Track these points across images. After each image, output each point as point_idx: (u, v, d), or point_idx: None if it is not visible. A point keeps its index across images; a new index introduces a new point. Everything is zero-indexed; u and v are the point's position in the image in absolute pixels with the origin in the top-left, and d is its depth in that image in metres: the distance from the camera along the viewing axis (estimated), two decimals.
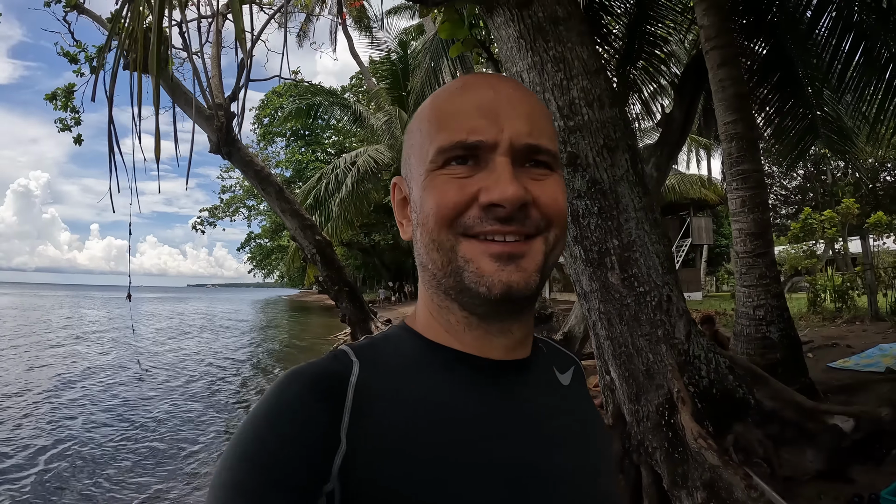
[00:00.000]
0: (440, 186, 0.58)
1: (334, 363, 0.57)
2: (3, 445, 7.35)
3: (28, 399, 10.25)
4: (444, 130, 0.59)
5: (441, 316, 0.63)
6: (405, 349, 0.62)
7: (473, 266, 0.56)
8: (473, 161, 0.58)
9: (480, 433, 0.57)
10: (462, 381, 0.60)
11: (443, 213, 0.57)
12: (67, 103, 11.52)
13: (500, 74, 0.68)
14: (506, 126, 0.58)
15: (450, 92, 0.63)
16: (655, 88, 8.39)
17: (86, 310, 43.07)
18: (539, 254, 0.58)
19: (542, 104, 0.64)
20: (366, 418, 0.53)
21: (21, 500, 5.65)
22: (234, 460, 0.50)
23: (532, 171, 0.59)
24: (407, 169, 0.66)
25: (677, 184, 20.27)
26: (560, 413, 0.66)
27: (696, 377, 3.21)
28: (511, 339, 0.63)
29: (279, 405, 0.52)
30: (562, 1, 2.94)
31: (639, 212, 3.07)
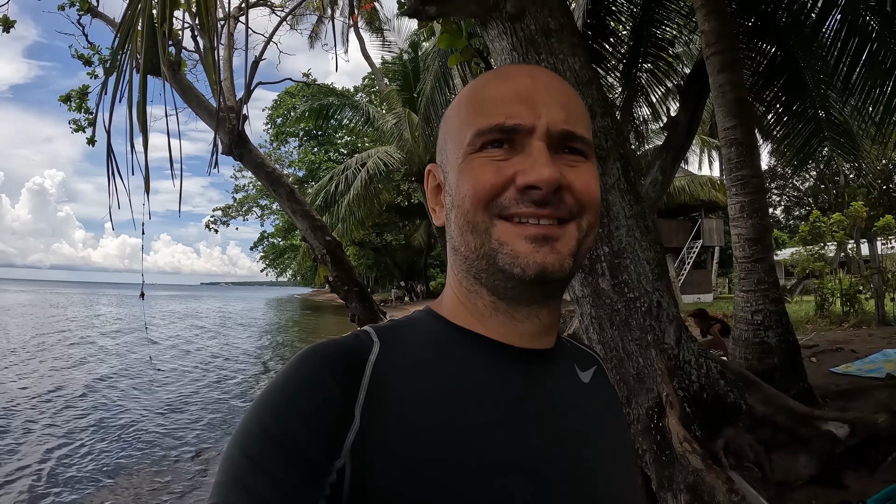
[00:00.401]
0: (478, 168, 0.59)
1: (355, 341, 0.58)
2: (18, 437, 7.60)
3: (41, 396, 10.51)
4: (483, 114, 0.60)
5: (468, 300, 0.64)
6: (428, 332, 0.63)
7: (508, 248, 0.57)
8: (510, 145, 0.59)
9: (500, 420, 0.57)
10: (484, 367, 0.60)
11: (479, 195, 0.58)
12: (82, 104, 11.78)
13: (538, 66, 0.69)
14: (543, 112, 0.59)
15: (488, 79, 0.64)
16: (663, 92, 8.40)
17: (102, 307, 43.76)
18: (573, 239, 0.59)
19: (577, 95, 0.66)
20: (382, 398, 0.53)
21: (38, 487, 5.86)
22: (248, 432, 0.51)
23: (567, 158, 0.60)
24: (443, 155, 0.67)
25: (687, 185, 20.18)
26: (576, 410, 0.66)
27: (687, 381, 3.27)
28: (537, 325, 0.64)
29: (296, 379, 0.53)
30: (554, 13, 3.01)
31: (630, 219, 3.14)
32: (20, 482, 6.09)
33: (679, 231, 24.70)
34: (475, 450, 0.54)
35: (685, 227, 24.70)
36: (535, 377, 0.63)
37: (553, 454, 0.59)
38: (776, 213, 33.04)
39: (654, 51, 7.78)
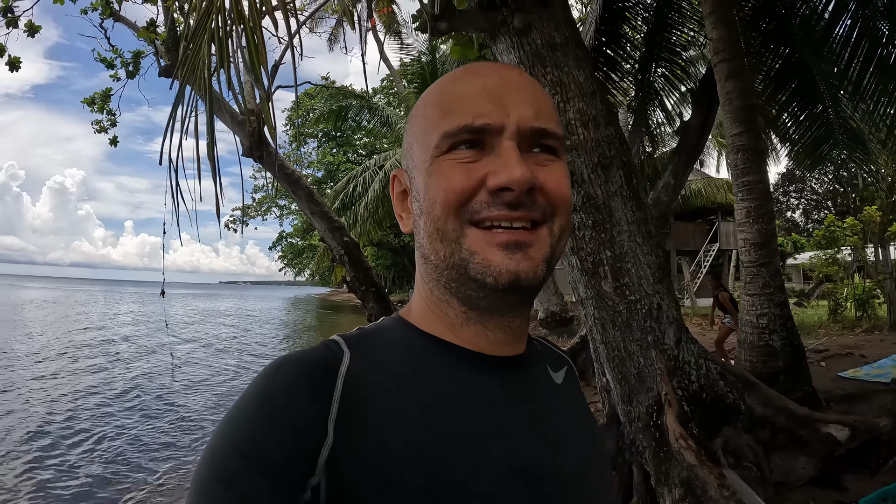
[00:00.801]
0: (446, 172, 0.57)
1: (324, 352, 0.56)
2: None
3: (63, 390, 10.88)
4: (450, 115, 0.58)
5: (439, 309, 0.62)
6: (399, 341, 0.61)
7: (479, 257, 0.56)
8: (479, 146, 0.57)
9: (475, 429, 0.56)
10: (457, 376, 0.59)
11: (450, 200, 0.56)
12: (104, 106, 12.13)
13: (505, 64, 0.66)
14: (512, 110, 0.57)
15: (455, 78, 0.62)
16: (678, 97, 8.46)
17: (125, 305, 44.65)
18: (545, 244, 0.57)
19: (546, 91, 0.64)
20: (355, 410, 0.52)
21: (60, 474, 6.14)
22: (218, 451, 0.49)
23: (538, 157, 0.59)
24: (408, 159, 0.65)
25: (704, 188, 20.06)
26: (555, 412, 0.66)
27: (686, 381, 3.39)
28: (509, 333, 0.63)
29: (266, 394, 0.52)
30: (559, 28, 3.15)
31: (631, 225, 3.27)
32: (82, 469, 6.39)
33: (696, 234, 24.54)
34: (452, 461, 0.53)
35: (702, 230, 24.52)
36: (509, 384, 0.62)
37: (534, 460, 0.59)
38: (794, 216, 32.67)
39: (668, 55, 7.87)
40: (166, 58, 11.49)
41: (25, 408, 9.26)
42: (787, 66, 6.53)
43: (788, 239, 27.76)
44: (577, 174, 3.23)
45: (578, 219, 3.27)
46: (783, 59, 6.53)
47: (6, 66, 9.06)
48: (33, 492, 5.81)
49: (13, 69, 9.15)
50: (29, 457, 6.83)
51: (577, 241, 3.31)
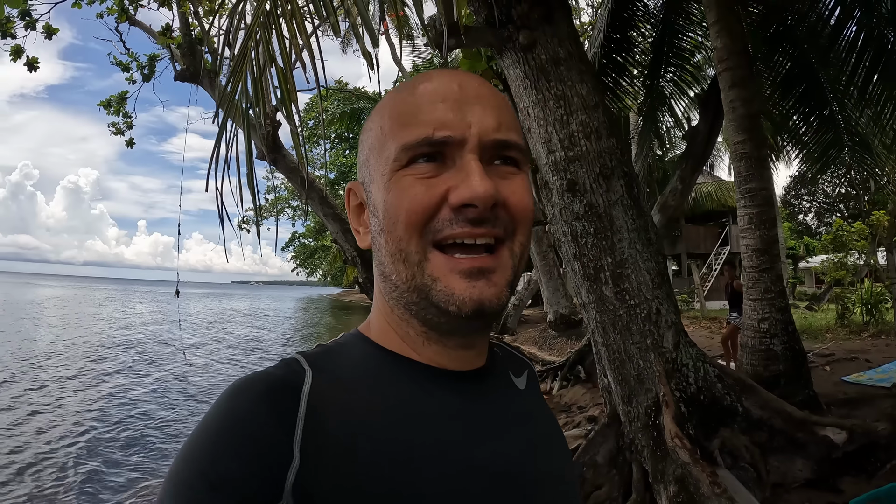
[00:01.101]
0: (407, 189, 0.55)
1: (285, 371, 0.55)
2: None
3: (82, 387, 11.17)
4: (409, 126, 0.56)
5: (400, 328, 0.61)
6: (361, 358, 0.60)
7: (442, 284, 0.54)
8: (440, 159, 0.55)
9: (441, 443, 0.56)
10: (420, 393, 0.59)
11: (412, 219, 0.54)
12: (120, 109, 12.40)
13: (466, 71, 0.66)
14: (473, 121, 0.55)
15: (413, 86, 0.60)
16: (687, 103, 8.55)
17: (140, 304, 45.26)
18: (508, 268, 0.56)
19: (508, 101, 0.63)
20: (320, 430, 0.51)
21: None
22: (181, 478, 0.48)
23: (500, 169, 0.57)
24: (364, 172, 0.62)
25: (714, 191, 20.04)
26: (521, 419, 0.66)
27: (684, 384, 3.50)
28: (470, 351, 0.63)
29: (228, 418, 0.50)
30: (563, 43, 3.29)
31: (632, 232, 3.40)
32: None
33: (707, 237, 24.49)
34: (421, 475, 0.53)
35: (713, 233, 24.46)
36: (472, 397, 0.62)
37: (502, 469, 0.59)
38: (806, 220, 32.42)
39: (677, 61, 7.97)
40: (181, 62, 11.77)
41: (62, 404, 9.57)
42: (795, 71, 6.61)
43: (801, 242, 27.58)
44: (581, 184, 3.36)
45: (581, 226, 3.41)
46: (791, 63, 6.61)
47: (24, 67, 9.31)
48: (81, 484, 6.06)
49: (31, 69, 9.39)
50: (73, 449, 7.10)
51: (580, 248, 3.45)
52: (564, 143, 3.33)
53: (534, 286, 15.37)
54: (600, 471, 3.71)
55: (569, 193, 3.38)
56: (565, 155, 3.35)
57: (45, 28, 9.18)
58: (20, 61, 9.22)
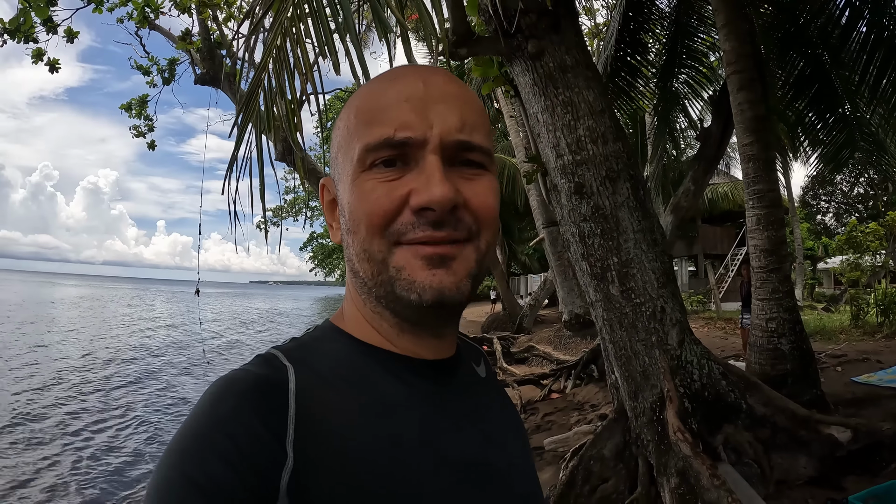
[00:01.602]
0: (368, 193, 0.55)
1: (268, 369, 0.54)
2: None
3: (112, 376, 11.49)
4: (371, 126, 0.56)
5: (374, 321, 0.62)
6: (338, 352, 0.61)
7: (405, 273, 0.55)
8: (402, 161, 0.55)
9: (426, 433, 0.57)
10: (400, 383, 0.59)
11: (374, 223, 0.55)
12: (141, 112, 12.70)
13: (434, 66, 0.66)
14: (436, 121, 0.55)
15: (378, 84, 0.60)
16: (702, 105, 8.58)
17: (159, 303, 46.00)
18: (471, 259, 0.57)
19: (476, 98, 0.62)
20: (311, 429, 0.50)
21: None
22: (169, 483, 0.46)
23: (464, 171, 0.57)
24: (334, 169, 0.63)
25: (731, 191, 19.90)
26: (489, 407, 0.68)
27: (689, 380, 3.60)
28: (442, 340, 0.64)
29: (216, 420, 0.49)
30: (570, 51, 3.41)
31: (637, 233, 3.51)
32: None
33: (724, 238, 24.31)
34: (411, 470, 0.53)
35: (730, 234, 24.26)
36: (448, 386, 0.64)
37: (480, 459, 0.60)
38: (825, 220, 31.97)
39: (690, 62, 8.01)
40: (201, 66, 12.04)
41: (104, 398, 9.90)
42: (807, 71, 6.65)
43: (819, 243, 27.24)
44: (587, 186, 3.48)
45: (588, 227, 3.53)
46: (803, 64, 6.65)
47: (46, 68, 9.54)
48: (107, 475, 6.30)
49: (53, 70, 9.59)
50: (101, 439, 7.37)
51: (588, 248, 3.57)
52: (572, 147, 3.46)
53: (550, 286, 15.44)
54: (607, 464, 3.82)
55: (576, 196, 3.50)
56: (573, 159, 3.47)
57: (67, 32, 9.43)
58: (41, 63, 9.47)
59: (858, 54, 5.92)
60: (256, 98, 2.31)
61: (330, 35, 1.88)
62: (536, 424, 6.92)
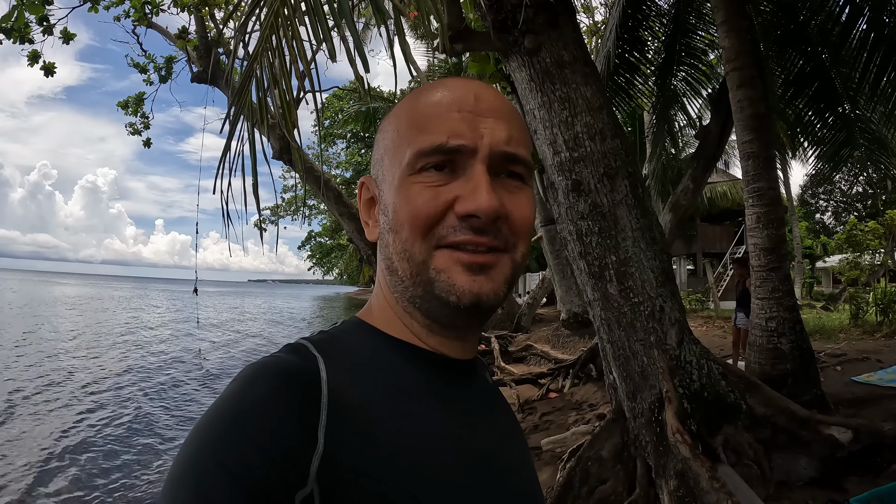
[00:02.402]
0: (415, 195, 0.57)
1: (299, 357, 0.55)
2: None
3: (110, 375, 11.45)
4: (424, 133, 0.58)
5: (405, 318, 0.64)
6: (366, 345, 0.62)
7: (445, 276, 0.57)
8: (450, 167, 0.58)
9: (450, 426, 0.59)
10: (429, 378, 0.61)
11: (418, 224, 0.57)
12: (138, 110, 12.65)
13: (481, 81, 0.68)
14: (486, 132, 0.58)
15: (430, 93, 0.62)
16: (701, 103, 8.54)
17: (159, 302, 45.94)
18: (507, 267, 0.59)
19: (519, 114, 0.65)
20: (341, 415, 0.51)
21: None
22: (199, 469, 0.45)
23: (507, 183, 0.60)
24: (378, 169, 0.65)
25: (729, 190, 19.88)
26: (499, 410, 0.72)
27: (688, 380, 3.56)
28: (467, 342, 0.66)
29: (249, 404, 0.49)
30: (567, 47, 3.36)
31: (636, 231, 3.46)
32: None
33: (723, 236, 24.31)
34: (437, 462, 0.55)
35: (729, 233, 24.28)
36: (470, 385, 0.67)
37: (501, 453, 0.64)
38: (823, 219, 31.97)
39: (689, 59, 7.97)
40: (198, 63, 11.98)
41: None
42: (807, 69, 6.60)
43: (818, 241, 27.22)
44: (585, 184, 3.43)
45: (586, 226, 3.48)
46: (803, 61, 6.61)
47: (41, 71, 9.46)
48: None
49: (48, 74, 9.52)
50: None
51: (585, 247, 3.52)
52: (569, 143, 3.41)
53: (548, 285, 15.41)
54: (605, 465, 3.77)
55: (574, 193, 3.45)
56: (570, 156, 3.42)
57: (63, 33, 9.37)
58: (36, 65, 9.39)
59: (859, 52, 5.87)
60: (249, 89, 2.25)
61: (325, 22, 1.82)
62: (534, 424, 6.88)
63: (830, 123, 6.86)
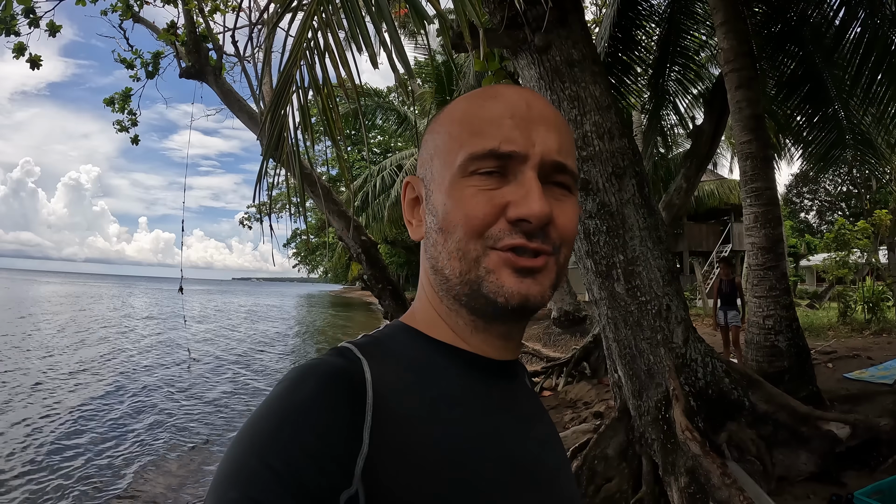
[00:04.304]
0: (469, 198, 0.58)
1: (344, 360, 0.56)
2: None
3: (97, 379, 11.27)
4: (477, 136, 0.59)
5: (449, 318, 0.64)
6: (411, 348, 0.63)
7: (494, 276, 0.58)
8: (501, 172, 0.59)
9: (492, 428, 0.59)
10: (472, 380, 0.62)
11: (473, 225, 0.58)
12: (124, 106, 12.43)
13: (532, 90, 0.72)
14: (537, 140, 0.59)
15: (483, 98, 0.63)
16: (689, 100, 8.61)
17: (141, 302, 45.28)
18: (553, 271, 0.61)
19: (569, 125, 0.66)
20: (387, 418, 0.52)
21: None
22: (248, 469, 0.46)
23: (555, 191, 0.61)
24: (427, 170, 0.65)
25: (717, 189, 20.11)
26: (540, 413, 0.72)
27: (693, 378, 3.59)
28: (510, 342, 0.67)
29: (298, 405, 0.50)
30: (577, 45, 3.36)
31: (643, 231, 3.48)
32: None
33: (709, 235, 24.57)
34: (482, 465, 0.55)
35: (715, 231, 24.55)
36: (512, 387, 0.67)
37: (541, 457, 0.64)
38: (808, 218, 32.54)
39: (681, 60, 8.03)
40: (186, 59, 11.80)
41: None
42: (799, 70, 6.69)
43: (802, 240, 27.66)
44: (593, 183, 3.44)
45: (594, 224, 3.49)
46: (795, 63, 6.69)
47: (27, 64, 9.27)
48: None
49: (34, 67, 9.32)
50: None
51: (592, 246, 3.53)
52: (578, 142, 3.41)
53: None
54: (611, 464, 3.79)
55: (582, 192, 3.46)
56: (579, 155, 3.42)
57: (49, 25, 9.17)
58: (23, 59, 9.19)
59: (852, 54, 5.96)
60: (290, 93, 2.20)
61: (364, 24, 1.79)
62: None
63: (821, 125, 6.96)
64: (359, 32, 1.80)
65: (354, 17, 1.82)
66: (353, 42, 1.82)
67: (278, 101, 2.25)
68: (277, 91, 2.30)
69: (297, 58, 2.16)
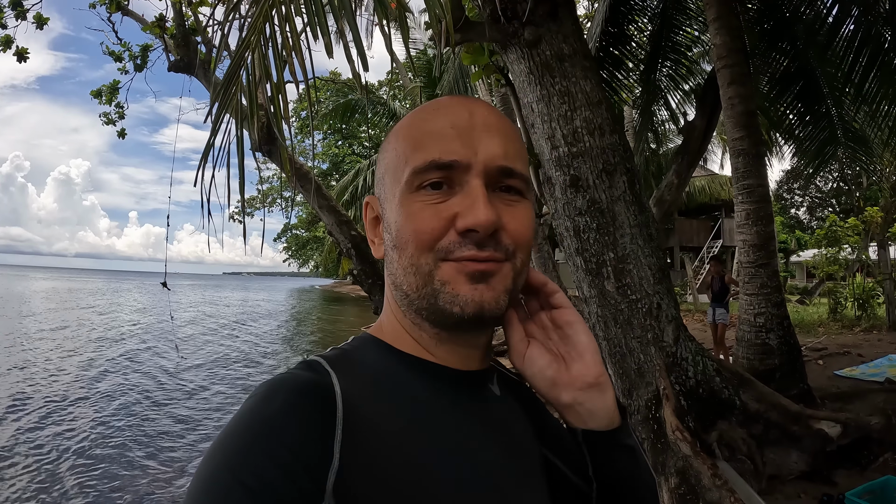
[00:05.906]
0: (417, 213, 0.59)
1: (314, 374, 0.56)
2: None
3: (84, 377, 11.15)
4: (419, 150, 0.60)
5: (413, 331, 0.65)
6: (378, 361, 0.63)
7: (449, 287, 0.58)
8: (447, 184, 0.59)
9: (460, 440, 0.59)
10: (439, 393, 0.62)
11: (422, 239, 0.58)
12: (112, 99, 12.24)
13: (476, 98, 0.72)
14: (480, 148, 0.59)
15: (425, 112, 0.64)
16: (681, 96, 8.57)
17: (134, 297, 44.92)
18: (508, 277, 0.60)
19: (516, 129, 0.66)
20: (357, 432, 0.52)
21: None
22: (219, 484, 0.46)
23: (504, 197, 0.61)
24: (381, 188, 0.66)
25: (707, 185, 20.16)
26: (512, 421, 0.70)
27: (684, 377, 3.55)
28: (478, 350, 0.67)
29: (268, 419, 0.49)
30: (568, 39, 3.30)
31: (634, 228, 3.43)
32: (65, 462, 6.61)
33: (700, 230, 24.66)
34: (450, 471, 0.56)
35: (706, 227, 24.64)
36: (480, 398, 0.67)
37: (509, 467, 0.63)
38: (798, 214, 32.73)
39: (673, 55, 7.99)
40: (175, 52, 11.64)
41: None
42: (792, 68, 6.66)
43: (792, 236, 27.82)
44: (584, 179, 3.38)
45: (584, 222, 3.44)
46: (788, 60, 6.66)
47: (14, 57, 9.13)
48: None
49: (21, 60, 9.19)
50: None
51: (582, 243, 3.48)
52: (568, 138, 3.35)
53: None
54: None
55: (572, 189, 3.40)
56: (569, 150, 3.37)
57: (36, 18, 9.00)
58: (9, 51, 9.03)
59: (845, 52, 5.93)
60: (238, 80, 2.13)
61: (322, 12, 1.72)
62: None
63: (812, 122, 6.94)
64: (316, 21, 1.73)
65: (313, 4, 1.74)
66: (311, 31, 1.74)
67: (228, 83, 2.16)
68: (228, 75, 2.22)
69: (249, 42, 2.08)
